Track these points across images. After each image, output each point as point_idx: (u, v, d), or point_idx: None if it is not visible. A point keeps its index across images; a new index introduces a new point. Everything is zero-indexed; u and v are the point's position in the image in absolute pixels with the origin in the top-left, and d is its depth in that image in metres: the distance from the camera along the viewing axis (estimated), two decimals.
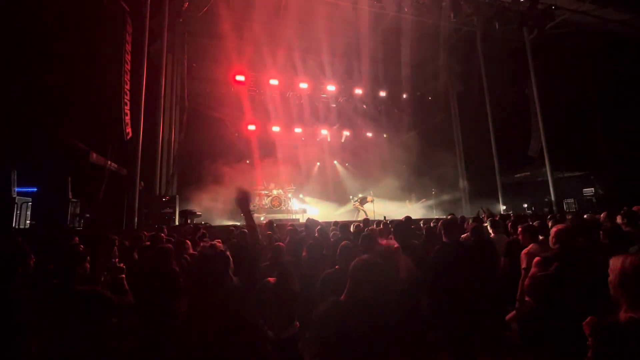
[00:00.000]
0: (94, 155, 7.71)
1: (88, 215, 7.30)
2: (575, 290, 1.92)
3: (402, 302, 2.58)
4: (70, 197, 6.79)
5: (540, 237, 3.14)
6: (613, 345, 1.23)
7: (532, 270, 2.22)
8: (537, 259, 2.25)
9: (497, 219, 4.55)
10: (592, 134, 11.03)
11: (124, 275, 2.14)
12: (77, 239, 4.32)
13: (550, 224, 3.76)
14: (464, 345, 2.55)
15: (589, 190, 11.37)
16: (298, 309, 2.44)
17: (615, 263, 1.41)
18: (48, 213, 6.53)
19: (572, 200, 11.31)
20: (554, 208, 10.47)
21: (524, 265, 2.86)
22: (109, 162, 8.34)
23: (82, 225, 7.05)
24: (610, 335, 1.25)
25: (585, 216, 5.39)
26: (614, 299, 1.37)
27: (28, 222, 6.68)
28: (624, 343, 1.20)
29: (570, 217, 5.68)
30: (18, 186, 6.39)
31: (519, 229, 3.35)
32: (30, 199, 6.75)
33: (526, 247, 3.02)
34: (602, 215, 4.40)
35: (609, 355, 1.23)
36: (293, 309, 2.37)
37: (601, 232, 3.07)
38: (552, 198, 10.75)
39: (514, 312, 2.82)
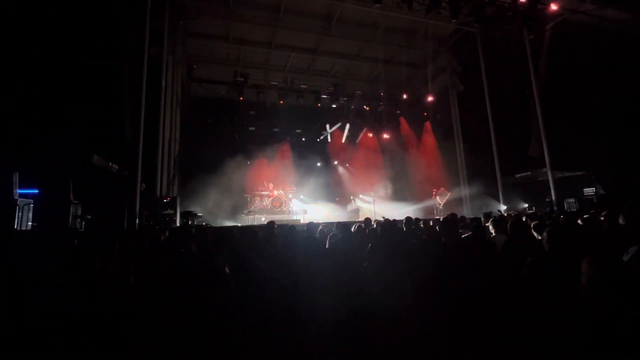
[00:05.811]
0: (95, 156, 7.73)
1: (89, 217, 7.32)
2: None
3: None
4: (72, 198, 6.80)
5: None
6: None
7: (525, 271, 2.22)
8: (529, 260, 2.25)
9: (498, 218, 4.55)
10: (593, 134, 11.01)
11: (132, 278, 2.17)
12: (76, 240, 4.35)
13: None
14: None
15: (589, 190, 11.35)
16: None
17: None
18: (49, 215, 6.55)
19: (572, 200, 11.29)
20: (555, 208, 10.45)
21: None
22: (110, 164, 8.37)
23: (83, 226, 7.07)
24: None
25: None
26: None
27: (30, 223, 6.70)
28: None
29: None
30: (20, 188, 6.41)
31: None
32: (31, 201, 6.76)
33: None
34: (602, 215, 4.41)
35: None
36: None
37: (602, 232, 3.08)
38: (553, 198, 10.73)
39: None
